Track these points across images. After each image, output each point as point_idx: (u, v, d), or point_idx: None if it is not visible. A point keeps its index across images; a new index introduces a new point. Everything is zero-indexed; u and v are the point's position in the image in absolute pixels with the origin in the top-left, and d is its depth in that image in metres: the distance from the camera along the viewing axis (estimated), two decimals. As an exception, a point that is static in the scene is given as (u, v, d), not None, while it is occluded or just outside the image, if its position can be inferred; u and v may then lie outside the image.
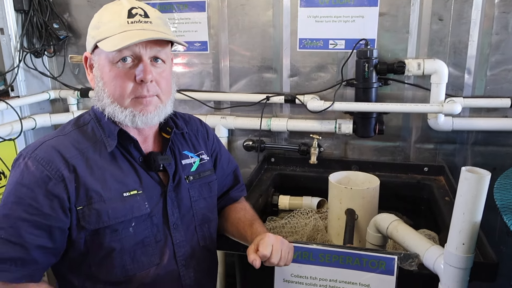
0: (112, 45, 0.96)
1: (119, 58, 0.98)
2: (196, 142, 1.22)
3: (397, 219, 1.22)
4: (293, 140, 1.96)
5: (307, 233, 1.47)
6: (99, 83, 1.02)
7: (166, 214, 1.08)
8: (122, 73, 0.98)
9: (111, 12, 1.01)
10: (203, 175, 1.19)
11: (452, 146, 1.80)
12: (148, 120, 1.02)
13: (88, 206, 0.97)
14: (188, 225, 1.13)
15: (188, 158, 1.17)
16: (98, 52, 1.01)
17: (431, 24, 1.69)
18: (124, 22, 0.98)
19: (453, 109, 1.61)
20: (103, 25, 0.99)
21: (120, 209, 1.00)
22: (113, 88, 0.99)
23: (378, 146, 1.88)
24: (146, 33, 0.99)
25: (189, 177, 1.15)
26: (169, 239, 1.08)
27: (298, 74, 1.87)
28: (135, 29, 0.98)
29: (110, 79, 0.99)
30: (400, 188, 1.75)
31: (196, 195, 1.15)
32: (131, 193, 1.02)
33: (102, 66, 1.00)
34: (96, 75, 1.02)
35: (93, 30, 1.01)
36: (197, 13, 1.90)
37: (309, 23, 1.78)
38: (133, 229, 1.02)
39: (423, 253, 1.07)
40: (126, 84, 0.99)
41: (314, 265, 1.13)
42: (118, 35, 0.97)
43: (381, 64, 1.68)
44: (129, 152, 1.05)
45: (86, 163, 0.99)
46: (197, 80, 2.01)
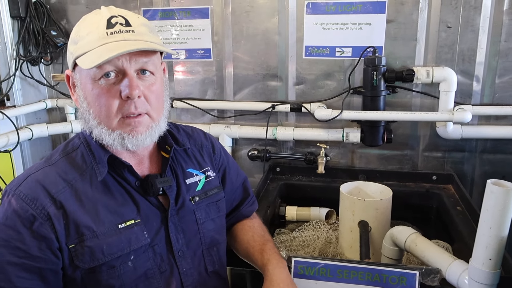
0: (90, 61, 0.86)
1: (101, 74, 0.88)
2: (200, 158, 1.12)
3: (414, 232, 1.19)
4: (298, 149, 1.92)
5: (319, 246, 1.43)
6: (83, 103, 0.93)
7: (169, 241, 0.99)
8: (105, 90, 0.89)
9: (89, 23, 0.91)
10: (210, 194, 1.10)
11: (460, 154, 1.78)
12: (139, 142, 0.93)
13: (80, 243, 0.89)
14: (195, 251, 1.04)
15: (193, 177, 1.08)
16: (78, 70, 0.91)
17: (439, 31, 1.67)
18: (103, 34, 0.89)
19: (463, 117, 1.59)
20: (81, 39, 0.89)
21: (116, 244, 0.92)
22: (98, 108, 0.90)
23: (386, 154, 1.85)
24: (127, 44, 0.89)
25: (195, 198, 1.06)
26: (175, 268, 0.99)
27: (304, 82, 1.84)
28: (115, 41, 0.89)
29: (94, 98, 0.90)
30: (408, 197, 1.72)
31: (203, 216, 1.06)
32: (127, 224, 0.94)
33: (84, 85, 0.91)
34: (78, 95, 0.93)
35: (72, 46, 0.91)
36: (200, 20, 1.87)
37: (315, 31, 1.76)
38: (132, 263, 0.93)
39: (446, 268, 1.04)
40: (111, 103, 0.89)
41: (332, 282, 1.09)
42: (96, 49, 0.88)
43: (390, 72, 1.65)
44: (123, 178, 0.96)
45: (75, 195, 0.91)
46: (200, 88, 1.97)
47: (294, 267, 1.10)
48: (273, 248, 1.11)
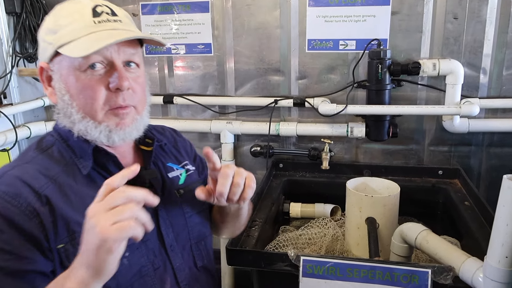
0: (82, 49, 0.81)
1: (88, 64, 0.84)
2: (177, 153, 1.09)
3: (425, 229, 1.16)
4: (301, 144, 1.89)
5: (326, 243, 1.40)
6: (63, 96, 0.87)
7: (161, 236, 0.95)
8: (92, 82, 0.85)
9: (70, 12, 0.87)
10: (193, 187, 1.03)
11: (467, 148, 1.75)
12: (126, 135, 0.90)
13: (71, 242, 0.81)
14: (183, 245, 1.00)
15: (174, 171, 1.05)
16: (58, 61, 0.86)
17: (445, 23, 1.63)
18: (89, 22, 0.85)
19: (471, 110, 1.56)
20: (62, 28, 0.85)
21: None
22: (83, 100, 0.86)
23: (391, 149, 1.82)
24: (120, 33, 0.86)
25: (180, 191, 1.02)
26: (168, 264, 0.96)
27: (307, 77, 1.80)
28: (104, 30, 0.86)
29: (79, 91, 0.85)
30: (414, 193, 1.69)
31: (189, 210, 1.03)
32: None
33: (66, 76, 0.86)
34: (58, 88, 0.88)
35: (49, 35, 0.86)
36: (200, 14, 1.82)
37: (318, 23, 1.72)
38: (127, 260, 0.87)
39: (459, 266, 1.01)
40: (98, 95, 0.85)
41: (342, 281, 1.06)
42: (85, 37, 0.84)
43: (395, 65, 1.62)
44: (108, 171, 0.91)
45: (61, 190, 0.84)
46: (201, 84, 1.93)
47: (303, 266, 1.07)
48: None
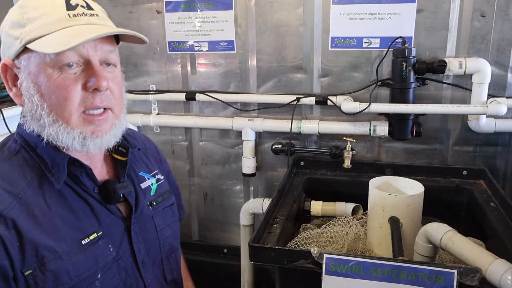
0: (56, 44, 0.74)
1: (62, 63, 0.77)
2: (147, 161, 1.05)
3: (451, 229, 1.14)
4: (322, 142, 1.88)
5: (348, 242, 1.39)
6: (32, 97, 0.78)
7: (133, 252, 0.92)
8: (67, 81, 0.77)
9: (40, 3, 0.78)
10: (164, 198, 1.03)
11: (493, 148, 1.72)
12: (103, 143, 0.83)
13: (40, 268, 0.75)
14: (154, 260, 0.98)
15: (146, 181, 1.00)
16: (26, 57, 0.78)
17: (472, 20, 1.60)
18: (63, 16, 0.78)
19: (498, 110, 1.53)
20: (32, 21, 0.77)
21: (83, 263, 0.80)
22: (55, 101, 0.77)
23: (413, 149, 1.80)
24: (98, 28, 0.79)
25: (152, 203, 0.99)
26: (140, 281, 0.93)
27: (330, 74, 1.79)
28: (81, 24, 0.78)
29: (51, 91, 0.77)
30: (437, 193, 1.67)
31: (161, 222, 1.01)
32: (90, 239, 0.82)
33: (36, 75, 0.78)
34: (25, 87, 0.79)
35: (16, 29, 0.77)
36: (223, 11, 1.83)
37: (342, 21, 1.70)
38: (99, 282, 0.83)
39: (486, 268, 0.99)
40: (73, 95, 0.78)
41: (365, 280, 1.05)
42: (58, 32, 0.76)
43: (420, 63, 1.60)
44: (80, 184, 0.84)
45: (27, 211, 0.76)
46: (223, 81, 1.94)
47: (326, 263, 1.06)
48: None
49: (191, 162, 2.10)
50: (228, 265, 2.05)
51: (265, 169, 1.99)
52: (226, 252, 2.11)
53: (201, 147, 2.07)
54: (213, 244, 2.13)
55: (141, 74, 2.02)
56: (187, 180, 2.13)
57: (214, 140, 2.03)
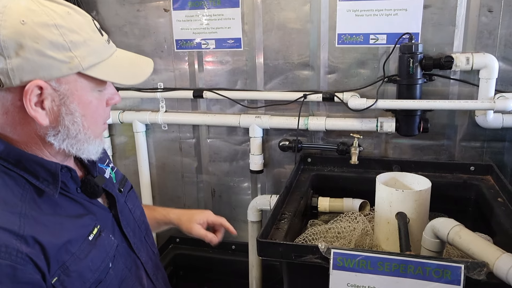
0: (127, 76, 0.86)
1: (100, 87, 0.84)
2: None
3: (458, 224, 1.15)
4: (329, 139, 1.89)
5: (355, 238, 1.40)
6: (75, 118, 0.81)
7: (125, 238, 0.98)
8: (100, 101, 0.86)
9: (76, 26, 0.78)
10: (123, 184, 1.08)
11: (500, 144, 1.72)
12: (104, 146, 0.92)
13: (65, 272, 0.78)
14: (140, 239, 1.05)
15: (105, 171, 1.03)
16: (72, 80, 0.79)
17: (479, 16, 1.60)
18: (103, 41, 0.84)
19: (506, 105, 1.52)
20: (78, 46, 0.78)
21: (97, 256, 0.85)
22: (93, 120, 0.85)
23: (420, 144, 1.80)
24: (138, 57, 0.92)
25: (120, 189, 1.05)
26: (138, 261, 1.00)
27: (336, 71, 1.80)
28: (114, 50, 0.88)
29: (92, 111, 0.84)
30: (445, 189, 1.67)
31: (132, 205, 1.07)
32: (94, 233, 0.86)
33: (80, 97, 0.81)
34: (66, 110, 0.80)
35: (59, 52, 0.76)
36: (230, 9, 1.84)
37: (348, 18, 1.71)
38: (112, 270, 0.88)
39: (493, 262, 1.00)
40: (104, 113, 0.88)
41: (372, 274, 1.06)
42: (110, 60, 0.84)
43: (427, 59, 1.60)
44: (65, 187, 0.86)
45: (37, 223, 0.76)
46: (230, 78, 1.95)
47: (333, 258, 1.07)
48: (159, 207, 1.30)
49: (199, 159, 2.12)
50: (236, 261, 2.07)
51: (273, 166, 2.00)
52: (234, 249, 2.13)
53: (208, 144, 2.08)
54: (221, 241, 2.14)
55: (149, 72, 2.04)
56: (195, 177, 2.15)
57: (222, 137, 2.05)
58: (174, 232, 2.15)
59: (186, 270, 2.19)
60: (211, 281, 2.15)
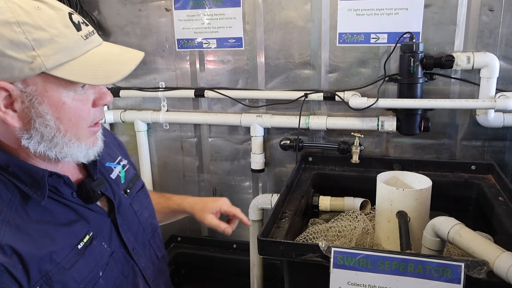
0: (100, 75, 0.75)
1: (77, 85, 0.76)
2: (109, 150, 1.03)
3: (458, 223, 1.15)
4: (330, 138, 1.89)
5: (356, 236, 1.40)
6: (48, 121, 0.75)
7: (123, 243, 0.95)
8: (81, 102, 0.78)
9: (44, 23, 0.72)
10: (134, 183, 1.06)
11: (501, 143, 1.72)
12: (98, 150, 0.86)
13: (47, 282, 0.75)
14: (143, 243, 1.02)
15: (113, 170, 1.00)
16: (40, 81, 0.73)
17: (480, 15, 1.60)
18: (77, 37, 0.75)
19: (507, 104, 1.53)
20: (43, 43, 0.71)
21: (84, 266, 0.81)
22: (71, 122, 0.78)
23: (421, 143, 1.80)
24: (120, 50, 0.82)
25: (126, 191, 1.01)
26: (136, 267, 0.97)
27: (337, 70, 1.80)
28: (96, 46, 0.79)
29: (68, 113, 0.77)
30: (446, 188, 1.67)
31: (139, 207, 1.03)
32: (85, 241, 0.83)
33: (53, 98, 0.75)
34: (38, 112, 0.75)
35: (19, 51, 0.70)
36: (231, 9, 1.85)
37: (349, 17, 1.71)
38: (102, 279, 0.86)
39: (493, 261, 1.00)
40: (86, 114, 0.80)
41: (373, 273, 1.07)
42: (84, 57, 0.76)
43: (428, 58, 1.60)
44: (58, 193, 0.83)
45: (19, 232, 0.74)
46: (231, 78, 1.95)
47: (334, 257, 1.08)
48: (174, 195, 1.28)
49: (200, 158, 2.12)
50: (237, 260, 2.07)
51: (274, 165, 2.00)
52: (235, 248, 2.13)
53: (210, 144, 2.09)
54: (222, 240, 2.15)
55: (150, 71, 2.05)
56: (196, 176, 2.15)
57: (223, 137, 2.05)
58: (176, 231, 2.16)
59: (188, 269, 2.20)
60: (213, 280, 2.15)
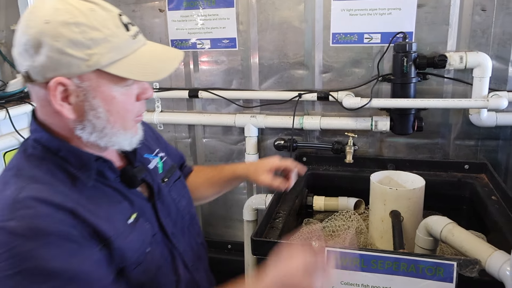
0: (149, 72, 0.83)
1: (127, 82, 0.84)
2: (147, 142, 1.09)
3: (451, 222, 1.16)
4: (325, 138, 1.90)
5: (350, 236, 1.40)
6: (98, 113, 0.83)
7: (162, 227, 0.99)
8: (128, 96, 0.86)
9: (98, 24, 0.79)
10: (171, 173, 1.11)
11: (494, 142, 1.73)
12: (140, 138, 0.93)
13: (107, 246, 0.82)
14: (182, 230, 1.06)
15: (151, 161, 1.06)
16: (94, 77, 0.80)
17: (473, 15, 1.61)
18: (127, 37, 0.83)
19: (499, 103, 1.53)
20: (98, 43, 0.78)
21: (136, 239, 0.88)
22: (120, 115, 0.85)
23: (415, 143, 1.81)
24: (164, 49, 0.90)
25: (164, 179, 1.06)
26: (175, 250, 1.01)
27: (331, 70, 1.80)
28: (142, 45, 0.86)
29: (117, 106, 0.84)
30: (439, 187, 1.68)
31: (176, 195, 1.08)
32: (132, 219, 0.90)
33: (104, 93, 0.82)
34: (91, 105, 0.82)
35: (78, 49, 0.77)
36: (225, 9, 1.85)
37: (343, 17, 1.71)
38: (149, 256, 0.91)
39: (485, 259, 1.00)
40: (132, 107, 0.88)
41: (366, 272, 1.07)
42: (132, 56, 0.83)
43: (421, 58, 1.60)
44: (104, 177, 0.90)
45: (78, 204, 0.81)
46: (225, 78, 1.95)
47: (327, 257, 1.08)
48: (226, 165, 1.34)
49: (195, 159, 2.12)
50: (232, 260, 2.07)
51: (268, 165, 2.00)
52: (230, 248, 2.13)
53: (204, 144, 2.09)
54: (217, 240, 2.15)
55: (144, 72, 2.04)
56: (191, 176, 2.15)
57: (217, 137, 2.05)
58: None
59: (183, 270, 2.19)
60: (208, 281, 2.15)
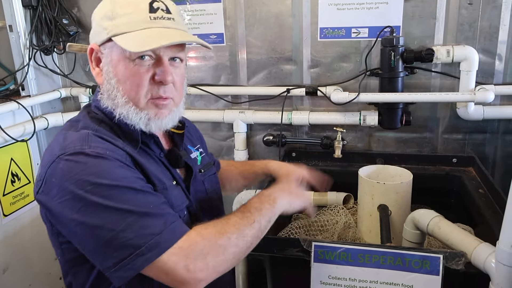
0: (137, 44, 0.87)
1: (137, 55, 0.90)
2: (191, 137, 1.19)
3: (437, 215, 1.16)
4: (314, 133, 1.90)
5: (338, 231, 1.40)
6: (111, 80, 0.93)
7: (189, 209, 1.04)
8: (140, 71, 0.91)
9: (128, 2, 0.91)
10: (208, 168, 1.17)
11: (481, 135, 1.74)
12: (162, 125, 0.97)
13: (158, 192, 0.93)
14: (208, 218, 1.05)
15: (192, 153, 1.15)
16: (109, 46, 0.92)
17: (459, 8, 1.61)
18: (146, 17, 0.90)
19: (486, 97, 1.54)
20: (119, 16, 0.90)
21: (178, 197, 0.98)
22: (129, 87, 0.92)
23: (404, 137, 1.81)
24: (173, 33, 0.92)
25: (201, 170, 1.13)
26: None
27: (319, 65, 1.80)
28: (158, 27, 0.91)
29: (126, 77, 0.91)
30: (427, 181, 1.68)
31: (209, 186, 1.14)
32: (173, 184, 0.99)
33: (115, 62, 0.92)
34: (106, 71, 0.94)
35: (106, 21, 0.91)
36: (212, 4, 1.83)
37: (330, 12, 1.71)
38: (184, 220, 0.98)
39: (471, 252, 1.01)
40: (143, 84, 0.92)
41: (353, 266, 1.07)
42: (140, 32, 0.89)
43: (408, 52, 1.61)
44: (149, 149, 0.99)
45: (133, 152, 0.93)
46: (213, 74, 1.94)
47: (314, 251, 1.08)
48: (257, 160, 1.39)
49: (184, 156, 2.11)
50: (222, 257, 2.06)
51: (258, 161, 2.00)
52: (220, 244, 2.12)
53: (193, 141, 2.07)
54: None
55: (132, 68, 2.02)
56: (181, 173, 2.14)
57: (206, 133, 2.04)
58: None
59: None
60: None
